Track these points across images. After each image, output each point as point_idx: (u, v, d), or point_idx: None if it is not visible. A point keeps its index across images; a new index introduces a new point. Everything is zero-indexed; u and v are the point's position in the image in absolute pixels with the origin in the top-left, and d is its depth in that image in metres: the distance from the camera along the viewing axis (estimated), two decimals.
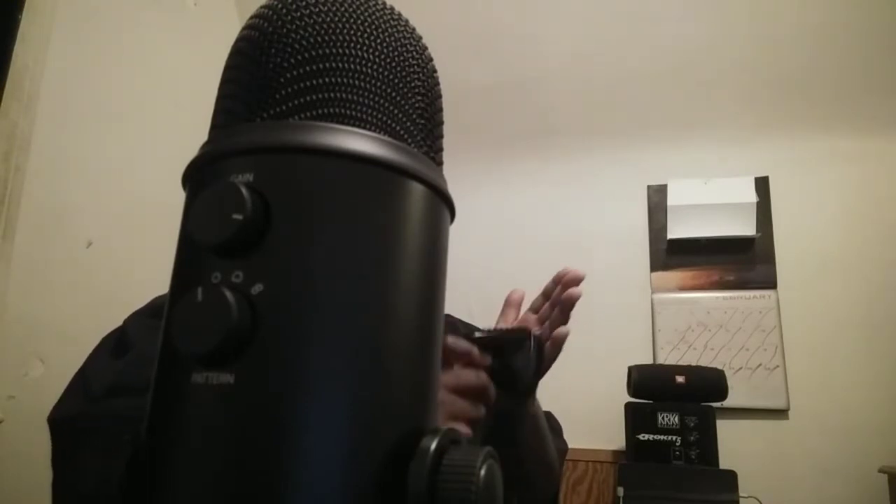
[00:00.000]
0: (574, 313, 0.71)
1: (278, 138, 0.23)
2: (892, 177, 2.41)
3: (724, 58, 2.41)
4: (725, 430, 2.12)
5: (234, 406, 0.20)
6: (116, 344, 0.58)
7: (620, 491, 1.98)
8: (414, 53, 0.27)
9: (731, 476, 1.95)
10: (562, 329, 0.68)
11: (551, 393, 0.76)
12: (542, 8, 2.34)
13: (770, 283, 2.43)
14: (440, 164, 0.29)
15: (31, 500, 1.34)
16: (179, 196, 0.25)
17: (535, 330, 0.68)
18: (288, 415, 0.20)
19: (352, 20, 0.26)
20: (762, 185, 2.49)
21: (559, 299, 0.68)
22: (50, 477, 0.52)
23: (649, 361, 2.43)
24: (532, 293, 0.79)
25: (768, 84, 2.44)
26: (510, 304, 0.76)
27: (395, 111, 0.26)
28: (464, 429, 0.55)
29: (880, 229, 2.38)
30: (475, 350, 0.59)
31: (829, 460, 2.21)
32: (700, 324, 2.45)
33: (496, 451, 0.23)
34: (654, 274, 2.55)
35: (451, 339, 0.59)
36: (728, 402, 2.15)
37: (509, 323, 0.73)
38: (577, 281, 0.69)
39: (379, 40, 0.26)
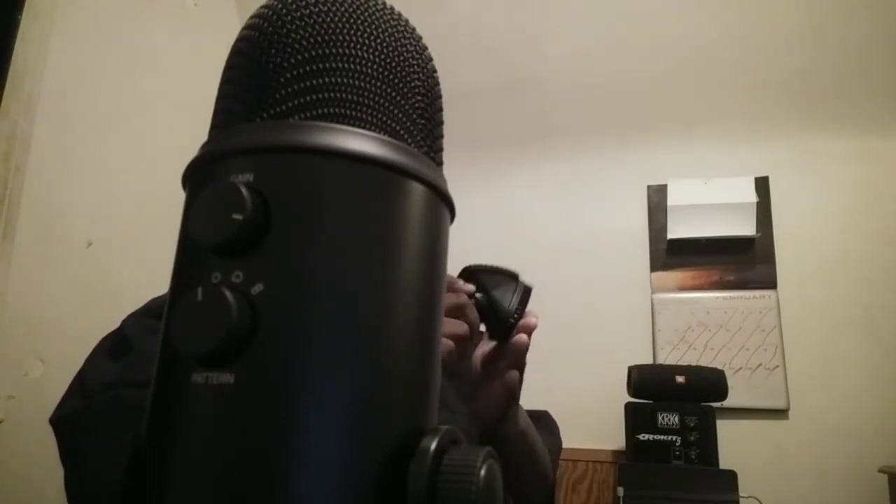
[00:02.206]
0: (575, 313, 0.71)
1: (278, 138, 0.23)
2: (892, 176, 2.41)
3: (724, 58, 2.41)
4: (725, 430, 2.12)
5: (234, 406, 0.20)
6: (114, 345, 0.58)
7: (620, 491, 1.98)
8: (414, 53, 0.27)
9: (731, 476, 1.95)
10: (510, 374, 0.66)
11: (552, 393, 0.76)
12: (541, 8, 2.34)
13: (770, 283, 2.43)
14: (440, 164, 0.29)
15: (31, 500, 1.34)
16: (179, 196, 0.25)
17: (479, 378, 0.69)
18: (288, 415, 0.20)
19: (352, 20, 0.26)
20: (762, 185, 2.49)
21: (512, 345, 0.67)
22: (51, 476, 0.52)
23: (649, 361, 2.43)
24: (533, 294, 0.79)
25: (768, 84, 2.45)
26: None
27: (395, 111, 0.26)
28: (445, 343, 0.57)
29: (880, 229, 2.38)
30: (458, 280, 0.63)
31: (829, 460, 2.21)
32: (700, 324, 2.45)
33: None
34: (654, 274, 2.55)
35: None
36: (728, 402, 2.15)
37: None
38: (528, 328, 0.67)
39: (379, 40, 0.26)
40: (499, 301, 0.64)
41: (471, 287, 0.63)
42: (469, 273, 0.65)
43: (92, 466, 0.47)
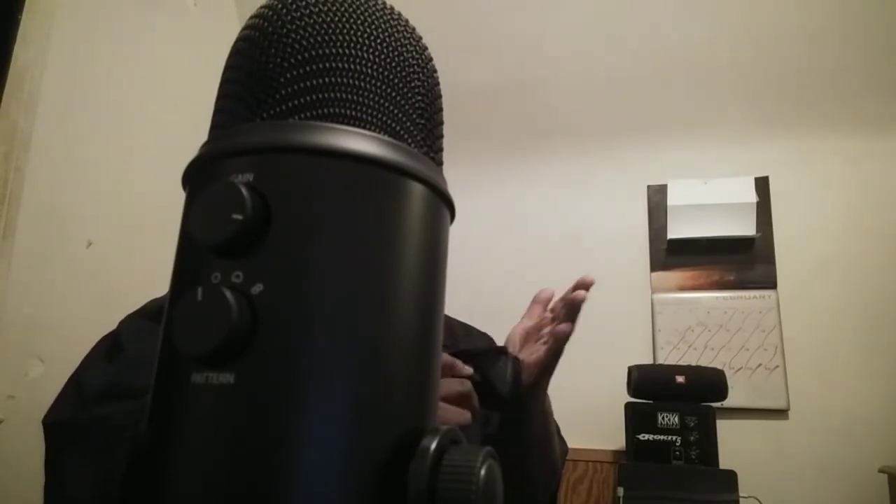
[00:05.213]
0: None
1: (278, 138, 0.23)
2: (892, 177, 2.41)
3: (724, 58, 2.41)
4: (725, 430, 2.11)
5: (235, 406, 0.20)
6: (110, 348, 0.59)
7: (620, 491, 1.98)
8: (414, 53, 0.27)
9: (731, 476, 1.95)
10: (562, 326, 0.70)
11: (551, 393, 0.76)
12: (542, 8, 2.34)
13: (770, 283, 2.43)
14: (440, 164, 0.29)
15: (31, 500, 1.34)
16: (179, 196, 0.25)
17: (518, 353, 0.72)
18: (288, 415, 0.20)
19: (352, 20, 0.26)
20: (762, 185, 2.49)
21: (567, 299, 0.72)
22: None
23: (649, 361, 2.43)
24: (533, 293, 0.79)
25: (768, 84, 2.44)
26: (538, 301, 0.78)
27: (395, 111, 0.26)
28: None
29: (880, 229, 2.38)
30: (458, 362, 0.63)
31: (829, 460, 2.21)
32: (700, 324, 2.45)
33: (503, 446, 0.23)
34: (654, 274, 2.55)
35: None
36: (728, 402, 2.15)
37: (534, 319, 0.76)
38: (585, 284, 0.72)
39: (379, 40, 0.26)
40: (494, 381, 0.67)
41: (469, 370, 0.65)
42: (464, 355, 0.68)
43: (72, 478, 0.48)
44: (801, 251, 2.43)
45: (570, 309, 0.71)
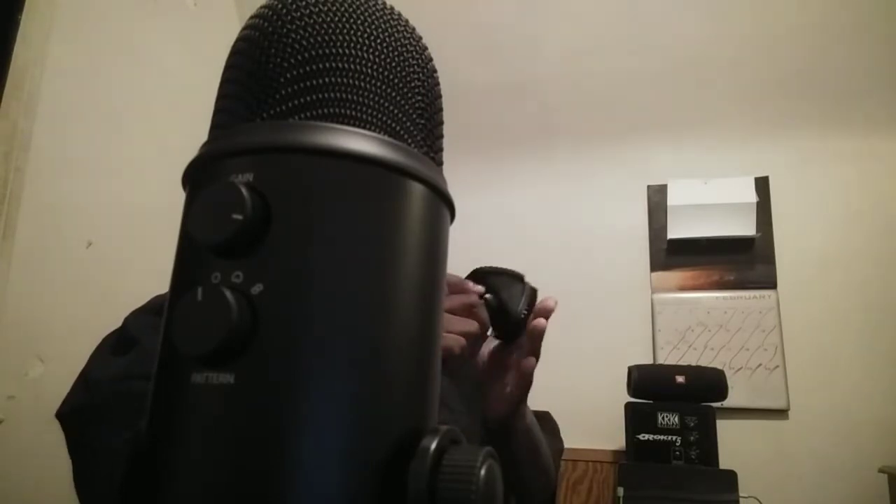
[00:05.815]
0: (575, 313, 0.72)
1: (278, 138, 0.23)
2: (892, 177, 2.41)
3: (723, 58, 2.41)
4: (725, 430, 2.12)
5: (234, 406, 0.20)
6: (117, 342, 0.58)
7: (620, 491, 1.98)
8: (414, 53, 0.27)
9: (731, 476, 1.95)
10: (527, 360, 0.67)
11: (551, 393, 0.76)
12: (541, 8, 2.34)
13: (770, 283, 2.43)
14: (440, 164, 0.29)
15: (31, 500, 1.34)
16: (179, 196, 0.25)
17: (486, 377, 0.70)
18: (288, 415, 0.20)
19: (352, 20, 0.26)
20: (762, 185, 2.49)
21: (528, 330, 0.68)
22: (51, 475, 0.52)
23: (649, 361, 2.43)
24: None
25: (768, 84, 2.45)
26: None
27: (395, 111, 0.26)
28: (457, 339, 0.59)
29: (880, 229, 2.38)
30: (468, 282, 0.64)
31: (829, 460, 2.21)
32: (700, 324, 2.45)
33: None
34: (654, 274, 2.55)
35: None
36: (728, 402, 2.15)
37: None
38: (546, 312, 0.68)
39: (379, 40, 0.26)
40: (508, 302, 0.65)
41: (480, 288, 0.64)
42: (478, 275, 0.66)
43: (101, 459, 0.47)
44: (801, 251, 2.43)
45: (532, 340, 0.67)
